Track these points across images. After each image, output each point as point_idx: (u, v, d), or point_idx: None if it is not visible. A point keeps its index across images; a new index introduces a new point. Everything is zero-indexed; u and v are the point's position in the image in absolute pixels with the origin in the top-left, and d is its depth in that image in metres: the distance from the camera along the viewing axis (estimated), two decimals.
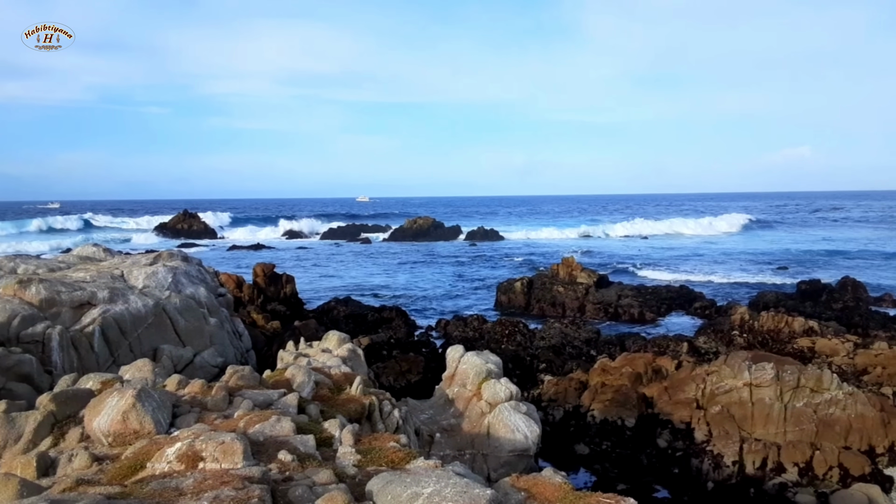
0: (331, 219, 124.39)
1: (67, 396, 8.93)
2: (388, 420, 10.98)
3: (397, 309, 33.48)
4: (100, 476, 6.81)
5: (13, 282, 15.71)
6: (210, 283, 20.62)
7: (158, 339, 16.67)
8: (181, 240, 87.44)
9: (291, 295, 34.95)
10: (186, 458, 6.56)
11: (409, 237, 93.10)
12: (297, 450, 7.16)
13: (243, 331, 21.38)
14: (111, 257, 21.19)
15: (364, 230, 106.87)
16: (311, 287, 46.55)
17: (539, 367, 23.76)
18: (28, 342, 14.25)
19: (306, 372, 11.08)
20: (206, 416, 8.53)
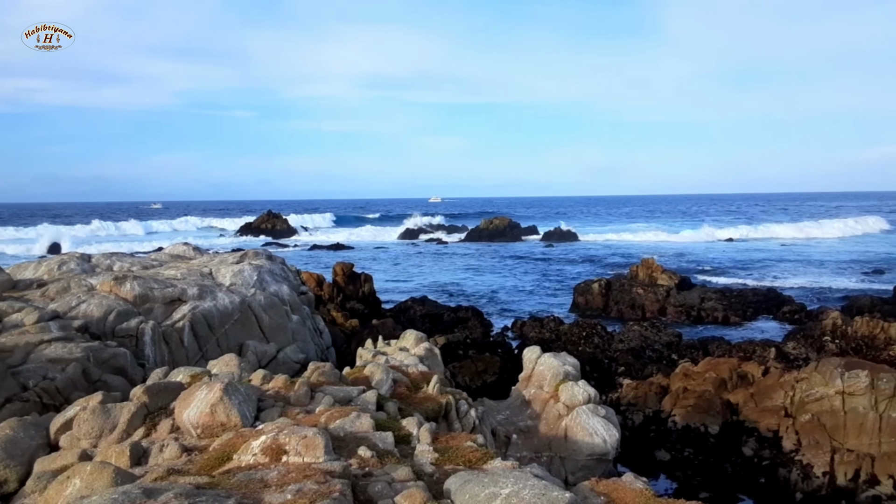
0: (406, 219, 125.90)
1: (159, 389, 9.33)
2: (464, 419, 11.00)
3: (473, 309, 33.53)
4: (189, 466, 7.08)
5: (109, 279, 16.59)
6: (293, 281, 21.19)
7: (244, 335, 17.26)
8: (265, 239, 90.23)
9: (369, 294, 35.49)
10: (271, 450, 6.75)
11: (486, 237, 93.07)
12: (376, 446, 7.25)
13: (324, 328, 21.87)
14: (200, 255, 22.07)
15: (440, 230, 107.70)
16: (389, 286, 47.17)
17: (617, 370, 23.32)
18: (123, 336, 15.00)
19: (385, 370, 11.23)
20: (289, 410, 8.76)
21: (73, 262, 18.67)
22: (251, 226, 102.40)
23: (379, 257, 71.27)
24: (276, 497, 5.46)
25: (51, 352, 12.70)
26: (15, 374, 11.73)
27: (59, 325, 13.96)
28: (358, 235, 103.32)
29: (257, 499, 5.45)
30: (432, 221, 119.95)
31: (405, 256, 72.52)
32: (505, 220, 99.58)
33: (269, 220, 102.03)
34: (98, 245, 75.72)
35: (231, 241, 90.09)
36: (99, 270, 18.64)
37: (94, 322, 14.84)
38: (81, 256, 19.58)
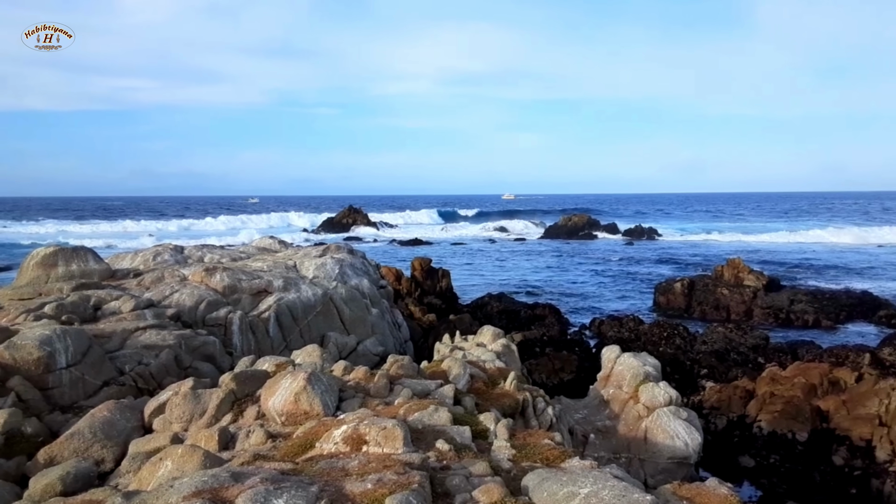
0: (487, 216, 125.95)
1: (246, 376, 9.67)
2: (541, 417, 10.94)
3: (550, 306, 33.24)
4: (274, 452, 7.32)
5: (200, 270, 17.32)
6: (372, 275, 21.57)
7: (325, 326, 17.71)
8: (345, 234, 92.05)
9: (447, 289, 35.69)
10: (351, 440, 6.89)
11: (564, 235, 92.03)
12: (453, 440, 7.30)
13: (402, 322, 22.17)
14: (285, 249, 22.75)
15: (518, 227, 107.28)
16: (466, 282, 47.31)
17: (700, 372, 22.66)
18: (212, 325, 15.64)
19: (462, 364, 11.29)
20: (369, 401, 8.92)
21: (166, 254, 19.61)
22: (332, 221, 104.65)
23: (456, 253, 71.55)
24: (356, 486, 5.58)
25: (146, 338, 13.36)
26: (112, 359, 12.39)
27: (153, 313, 14.68)
28: (436, 231, 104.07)
29: (339, 486, 5.59)
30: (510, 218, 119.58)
31: (482, 253, 72.54)
32: (584, 218, 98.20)
33: (350, 216, 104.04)
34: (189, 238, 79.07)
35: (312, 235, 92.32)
36: (191, 262, 19.51)
37: (186, 311, 15.52)
38: (175, 248, 20.53)
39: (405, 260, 50.25)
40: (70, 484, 7.61)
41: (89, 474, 8.06)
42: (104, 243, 69.28)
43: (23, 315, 13.61)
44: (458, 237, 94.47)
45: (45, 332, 11.34)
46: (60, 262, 16.61)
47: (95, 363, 11.80)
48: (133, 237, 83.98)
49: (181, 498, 5.24)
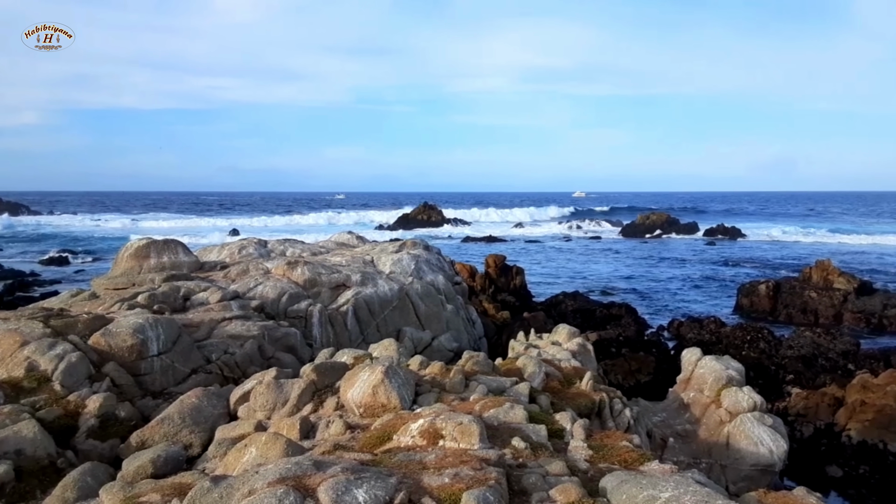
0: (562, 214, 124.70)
1: (326, 368, 9.91)
2: (618, 418, 10.79)
3: (627, 306, 32.62)
4: (352, 443, 7.48)
5: (283, 263, 17.86)
6: (447, 271, 21.72)
7: (401, 321, 17.96)
8: (420, 230, 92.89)
9: (521, 286, 35.54)
10: (428, 434, 6.98)
11: (642, 233, 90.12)
12: (529, 438, 7.29)
13: (476, 318, 22.24)
14: (363, 244, 23.18)
15: (594, 225, 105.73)
16: (540, 280, 46.98)
17: (785, 378, 21.80)
18: (293, 317, 16.09)
19: (537, 363, 11.24)
20: (445, 396, 9.00)
21: (251, 247, 20.31)
22: (408, 217, 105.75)
23: (530, 250, 71.13)
24: (434, 479, 5.66)
25: (231, 329, 13.86)
26: (200, 348, 12.92)
27: (238, 304, 15.24)
28: (510, 228, 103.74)
29: (416, 479, 5.68)
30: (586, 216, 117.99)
31: (557, 250, 71.88)
32: (662, 216, 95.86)
33: (425, 212, 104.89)
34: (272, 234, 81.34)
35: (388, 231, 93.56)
36: (273, 255, 20.14)
37: (269, 303, 16.04)
38: (259, 242, 21.25)
39: (478, 256, 50.30)
40: (160, 466, 8.00)
41: (178, 458, 8.44)
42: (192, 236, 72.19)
43: (117, 304, 14.36)
44: (533, 235, 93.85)
45: (139, 321, 11.93)
46: (153, 254, 17.45)
47: (184, 351, 12.34)
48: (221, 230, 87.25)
49: (266, 484, 5.43)
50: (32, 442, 8.70)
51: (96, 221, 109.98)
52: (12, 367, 10.55)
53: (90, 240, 78.43)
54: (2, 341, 11.07)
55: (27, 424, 8.85)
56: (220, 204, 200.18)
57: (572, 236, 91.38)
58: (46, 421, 9.22)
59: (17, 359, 10.67)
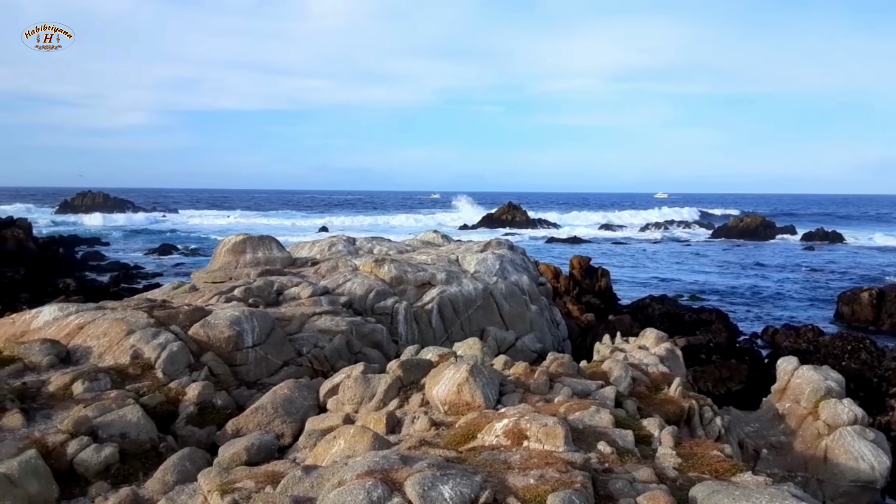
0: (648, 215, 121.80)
1: (412, 365, 10.06)
2: (708, 427, 10.48)
3: (717, 311, 31.54)
4: (437, 440, 7.57)
5: (371, 260, 18.26)
6: (532, 271, 21.63)
7: (485, 320, 18.03)
8: (504, 230, 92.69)
9: (606, 289, 34.97)
10: (512, 434, 6.99)
11: (734, 236, 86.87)
12: (615, 443, 7.19)
13: (560, 320, 22.05)
14: (448, 243, 23.39)
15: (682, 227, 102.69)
16: (626, 282, 46.06)
17: (889, 391, 20.57)
18: (380, 314, 16.43)
19: (623, 367, 11.06)
20: (529, 397, 8.98)
21: (340, 244, 20.87)
22: (492, 216, 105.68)
23: (616, 252, 69.82)
24: (519, 480, 5.67)
25: (321, 323, 14.28)
26: (292, 341, 13.37)
27: (328, 299, 15.69)
28: (595, 229, 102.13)
29: (501, 479, 5.70)
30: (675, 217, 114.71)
31: (643, 253, 70.25)
32: (757, 219, 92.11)
33: (509, 212, 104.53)
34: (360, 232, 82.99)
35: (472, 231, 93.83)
36: (361, 252, 20.62)
37: (357, 299, 16.42)
38: (347, 239, 21.81)
39: (562, 257, 49.76)
40: (254, 455, 8.33)
41: (271, 447, 8.77)
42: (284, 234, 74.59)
43: (215, 297, 15.04)
44: (618, 236, 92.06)
45: (235, 313, 12.46)
46: (248, 249, 18.19)
47: (277, 344, 12.79)
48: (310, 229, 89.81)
49: (355, 476, 5.58)
50: (136, 426, 9.21)
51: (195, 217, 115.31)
52: (118, 354, 11.21)
53: (189, 235, 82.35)
54: (109, 330, 11.78)
55: (132, 409, 9.39)
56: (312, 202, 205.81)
57: (660, 238, 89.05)
58: (149, 406, 9.75)
59: (122, 346, 11.33)
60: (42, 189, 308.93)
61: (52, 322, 12.31)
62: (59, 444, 8.47)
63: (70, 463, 8.34)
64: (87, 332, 11.80)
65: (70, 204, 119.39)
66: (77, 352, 11.35)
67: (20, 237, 47.74)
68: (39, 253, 47.60)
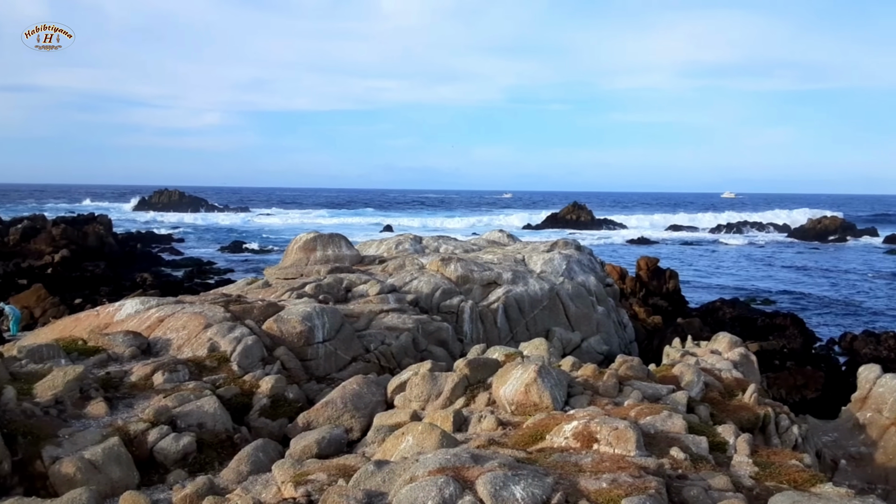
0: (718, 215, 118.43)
1: (479, 364, 10.07)
2: (784, 435, 10.15)
3: (792, 316, 30.46)
4: (505, 439, 7.56)
5: (437, 259, 18.38)
6: (599, 272, 21.37)
7: (551, 321, 17.91)
8: (569, 230, 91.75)
9: (674, 291, 34.24)
10: (582, 436, 6.92)
11: (811, 238, 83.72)
12: (688, 449, 7.04)
13: (627, 322, 21.72)
14: (513, 243, 23.32)
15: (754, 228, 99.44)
16: (695, 284, 44.97)
17: None
18: (446, 312, 16.53)
19: (695, 371, 10.81)
20: (598, 400, 8.87)
21: (407, 243, 21.09)
22: (556, 216, 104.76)
23: (684, 254, 68.23)
24: (591, 483, 5.62)
25: (388, 321, 14.46)
26: (360, 337, 13.58)
27: (395, 297, 15.88)
28: (662, 230, 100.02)
29: (573, 481, 5.66)
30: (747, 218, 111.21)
31: (714, 254, 68.42)
32: (836, 220, 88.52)
33: (574, 212, 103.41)
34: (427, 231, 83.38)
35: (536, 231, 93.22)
36: (428, 251, 20.79)
37: (423, 297, 16.57)
38: (414, 238, 22.01)
39: (629, 258, 48.93)
40: (324, 448, 8.50)
41: (340, 440, 8.93)
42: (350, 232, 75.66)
43: (287, 293, 15.41)
44: (687, 237, 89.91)
45: (307, 309, 12.74)
46: (318, 247, 18.58)
47: (346, 340, 13.02)
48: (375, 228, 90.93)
49: (427, 472, 5.63)
50: (213, 417, 9.52)
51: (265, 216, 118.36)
52: (196, 346, 11.62)
53: (259, 232, 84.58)
54: (188, 323, 12.22)
55: (209, 400, 9.71)
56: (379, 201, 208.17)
57: (732, 240, 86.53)
58: (225, 398, 10.06)
59: (200, 339, 11.73)
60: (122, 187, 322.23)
61: (134, 315, 12.86)
62: (140, 432, 8.83)
63: (150, 451, 8.67)
64: (167, 324, 12.27)
65: (147, 201, 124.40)
66: (157, 344, 11.82)
67: (101, 233, 50.00)
68: (119, 248, 49.75)
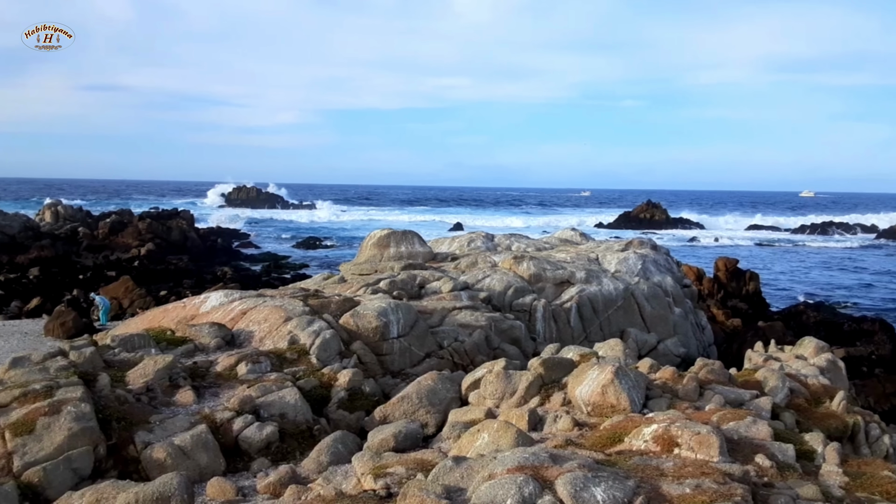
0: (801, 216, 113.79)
1: (553, 363, 10.02)
2: (875, 445, 9.71)
3: (881, 321, 29.01)
4: (581, 440, 7.50)
5: (509, 257, 18.34)
6: (676, 273, 20.90)
7: (625, 321, 17.62)
8: (642, 229, 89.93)
9: (754, 293, 33.12)
10: (662, 440, 6.80)
11: None
12: (774, 456, 6.85)
13: (706, 324, 21.17)
14: (586, 241, 23.04)
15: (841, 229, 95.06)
16: (776, 287, 43.39)
17: None
18: (518, 310, 16.48)
19: (780, 377, 10.46)
20: (678, 403, 8.71)
21: (479, 241, 21.12)
22: (629, 215, 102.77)
23: (765, 255, 65.89)
24: (673, 488, 5.52)
25: (461, 318, 14.53)
26: (433, 334, 13.70)
27: (468, 294, 15.95)
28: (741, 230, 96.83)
29: (655, 486, 5.58)
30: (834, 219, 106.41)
31: (797, 256, 65.81)
32: None
33: (648, 210, 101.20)
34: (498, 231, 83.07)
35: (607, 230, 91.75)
36: (500, 249, 20.77)
37: (496, 295, 16.57)
38: (486, 236, 22.04)
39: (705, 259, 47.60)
40: (401, 442, 8.63)
41: (416, 435, 9.04)
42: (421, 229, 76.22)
43: (362, 288, 15.69)
44: (768, 237, 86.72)
45: (382, 305, 12.94)
46: (392, 243, 18.83)
47: (420, 336, 13.16)
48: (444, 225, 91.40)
49: (505, 470, 5.66)
50: (294, 408, 9.79)
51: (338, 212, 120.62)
52: (277, 339, 11.97)
53: (332, 228, 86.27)
54: (269, 316, 12.60)
55: (290, 392, 9.99)
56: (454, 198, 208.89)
57: (815, 241, 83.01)
58: (305, 390, 10.34)
59: (281, 332, 12.08)
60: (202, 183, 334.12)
61: (218, 307, 13.35)
62: (226, 420, 9.17)
63: (235, 439, 8.99)
64: (250, 317, 12.69)
65: (227, 197, 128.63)
66: (240, 335, 12.24)
67: (184, 227, 52.03)
68: (200, 242, 51.64)
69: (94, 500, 6.62)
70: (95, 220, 55.84)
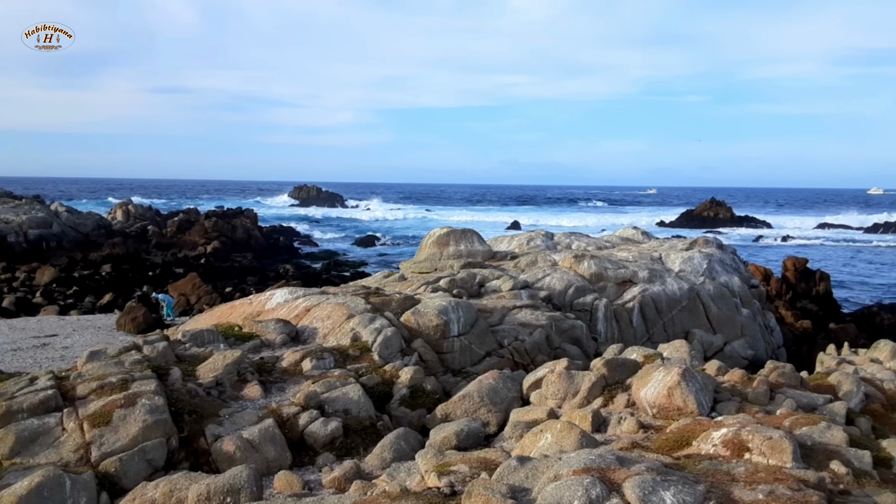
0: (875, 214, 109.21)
1: (617, 364, 9.88)
2: None
3: None
4: (647, 443, 7.37)
5: (570, 256, 18.18)
6: (743, 273, 20.36)
7: (690, 322, 17.24)
8: (705, 228, 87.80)
9: (825, 294, 31.99)
10: (732, 445, 6.64)
11: None
12: (850, 463, 6.60)
13: (775, 326, 20.55)
14: (648, 240, 22.64)
15: None
16: (847, 288, 41.80)
17: None
18: (579, 310, 16.32)
19: (855, 381, 10.08)
20: (747, 407, 8.48)
21: (538, 239, 20.99)
22: (692, 213, 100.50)
23: (836, 254, 63.48)
24: (746, 494, 5.37)
25: (521, 317, 14.48)
26: (494, 332, 13.69)
27: (528, 293, 15.86)
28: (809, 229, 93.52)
29: (726, 491, 5.44)
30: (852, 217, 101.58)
31: (870, 256, 63.20)
32: None
33: (712, 209, 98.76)
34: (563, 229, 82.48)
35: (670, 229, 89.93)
36: (560, 248, 20.60)
37: (556, 294, 16.44)
38: (546, 234, 21.88)
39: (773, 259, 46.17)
40: (463, 440, 8.65)
41: (478, 434, 9.05)
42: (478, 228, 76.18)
43: (423, 286, 15.79)
44: (839, 236, 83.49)
45: (443, 303, 13.00)
46: (451, 241, 18.90)
47: (480, 334, 13.17)
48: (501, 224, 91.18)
49: (571, 471, 5.60)
50: (357, 404, 9.94)
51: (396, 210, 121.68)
52: (340, 336, 12.16)
53: (390, 226, 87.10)
54: (332, 313, 12.81)
55: (353, 388, 10.14)
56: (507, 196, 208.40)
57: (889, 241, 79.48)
58: (368, 386, 10.48)
59: (344, 329, 12.27)
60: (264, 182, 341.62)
61: (283, 304, 13.64)
62: (292, 415, 9.37)
63: (301, 433, 9.18)
64: (313, 314, 12.93)
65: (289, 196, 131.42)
66: (305, 332, 12.49)
67: (248, 226, 53.32)
68: (264, 240, 52.84)
69: (168, 490, 6.84)
70: (164, 219, 57.79)
